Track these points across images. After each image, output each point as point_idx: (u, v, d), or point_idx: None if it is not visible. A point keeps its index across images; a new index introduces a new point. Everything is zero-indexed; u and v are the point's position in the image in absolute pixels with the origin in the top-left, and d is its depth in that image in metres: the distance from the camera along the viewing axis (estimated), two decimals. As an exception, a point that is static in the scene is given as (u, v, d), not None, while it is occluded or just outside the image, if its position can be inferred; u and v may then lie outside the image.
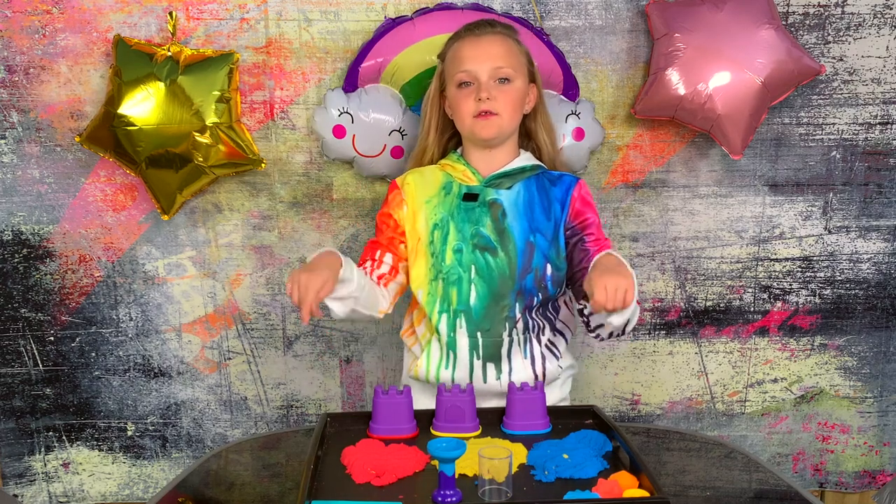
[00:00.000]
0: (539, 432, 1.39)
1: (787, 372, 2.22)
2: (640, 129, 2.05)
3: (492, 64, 1.63)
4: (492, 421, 1.43)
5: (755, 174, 2.09)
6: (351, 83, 1.93)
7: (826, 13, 2.00)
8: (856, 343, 2.20)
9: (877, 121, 2.07)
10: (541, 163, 1.73)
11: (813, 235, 2.14)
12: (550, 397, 1.60)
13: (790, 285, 2.16)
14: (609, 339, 1.57)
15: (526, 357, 1.65)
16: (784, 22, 1.97)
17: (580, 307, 1.59)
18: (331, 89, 1.93)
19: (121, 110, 1.86)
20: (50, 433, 2.16)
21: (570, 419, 1.44)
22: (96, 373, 2.13)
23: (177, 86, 1.86)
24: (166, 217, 1.99)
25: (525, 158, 1.70)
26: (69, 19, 1.92)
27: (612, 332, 1.53)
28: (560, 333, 1.70)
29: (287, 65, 1.97)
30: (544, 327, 1.67)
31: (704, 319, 2.18)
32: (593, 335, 1.58)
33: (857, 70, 2.04)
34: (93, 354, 2.12)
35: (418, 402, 1.57)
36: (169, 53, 1.88)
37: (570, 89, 1.96)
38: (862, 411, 2.25)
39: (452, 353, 1.65)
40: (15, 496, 2.17)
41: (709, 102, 1.87)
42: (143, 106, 1.86)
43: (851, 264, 2.15)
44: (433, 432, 1.39)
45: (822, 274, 2.16)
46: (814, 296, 2.17)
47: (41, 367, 2.11)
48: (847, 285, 2.17)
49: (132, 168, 1.93)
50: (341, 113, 1.91)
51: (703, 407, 2.23)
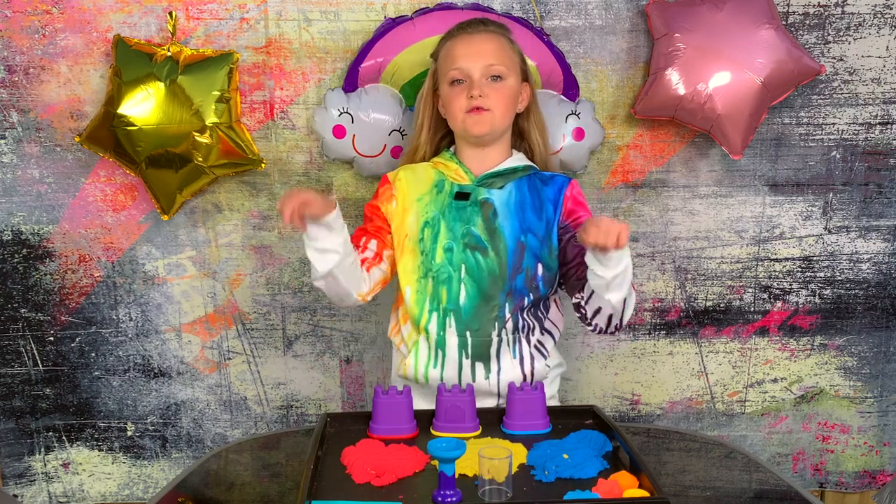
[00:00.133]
0: (539, 432, 1.39)
1: (787, 372, 2.22)
2: (640, 129, 2.05)
3: (484, 61, 1.63)
4: (492, 421, 1.43)
5: (755, 174, 2.09)
6: (351, 83, 1.93)
7: (826, 13, 2.00)
8: (856, 343, 2.20)
9: (877, 121, 2.07)
10: (533, 164, 1.73)
11: (813, 235, 2.14)
12: None
13: (790, 285, 2.16)
14: (608, 332, 1.57)
15: (515, 357, 1.65)
16: (784, 22, 1.97)
17: (576, 301, 1.59)
18: (331, 89, 1.93)
19: (121, 110, 1.86)
20: (50, 433, 2.15)
21: (570, 419, 1.44)
22: (96, 373, 2.13)
23: (177, 86, 1.86)
24: (166, 217, 1.99)
25: (517, 159, 1.70)
26: (69, 19, 1.92)
27: (611, 319, 1.54)
28: (548, 333, 1.70)
29: (287, 65, 1.97)
30: (534, 327, 1.67)
31: (704, 319, 2.18)
32: (591, 327, 1.58)
33: (857, 70, 2.04)
34: (93, 354, 2.12)
35: None
36: (169, 53, 1.88)
37: (570, 89, 1.96)
38: (862, 411, 2.25)
39: (441, 352, 1.64)
40: (15, 496, 2.17)
41: (709, 102, 1.87)
42: (143, 106, 1.86)
43: (851, 264, 2.15)
44: (433, 432, 1.39)
45: (822, 274, 2.16)
46: (814, 296, 2.17)
47: (41, 367, 2.11)
48: (847, 285, 2.17)
49: (132, 168, 1.93)
50: (341, 113, 1.91)
51: (703, 407, 2.23)
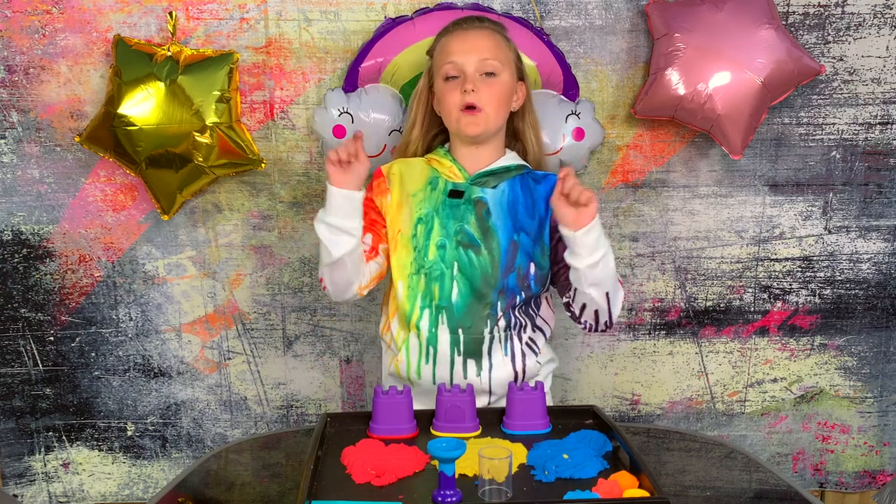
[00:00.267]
0: (539, 432, 1.39)
1: (787, 372, 2.22)
2: (640, 129, 2.05)
3: (478, 56, 1.63)
4: (492, 421, 1.43)
5: (755, 174, 2.09)
6: (351, 83, 1.93)
7: (826, 13, 2.00)
8: (856, 343, 2.20)
9: (877, 121, 2.07)
10: (526, 163, 1.73)
11: (813, 235, 2.14)
12: None
13: (790, 285, 2.16)
14: (598, 329, 1.59)
15: (507, 354, 1.65)
16: (784, 22, 1.97)
17: (565, 301, 1.62)
18: (331, 89, 1.93)
19: (121, 110, 1.86)
20: (50, 433, 2.15)
21: (570, 419, 1.44)
22: (96, 373, 2.13)
23: (177, 86, 1.86)
24: (166, 217, 1.99)
25: (510, 158, 1.70)
26: (69, 19, 1.92)
27: (598, 315, 1.56)
28: (539, 330, 1.70)
29: (287, 65, 1.97)
30: (525, 325, 1.67)
31: (704, 319, 2.18)
32: (581, 325, 1.60)
33: (857, 70, 2.04)
34: (93, 354, 2.12)
35: None
36: (169, 53, 1.88)
37: (570, 89, 1.96)
38: (862, 411, 2.25)
39: (433, 349, 1.64)
40: (15, 496, 2.17)
41: (709, 102, 1.87)
42: (143, 106, 1.86)
43: (851, 264, 2.15)
44: (433, 432, 1.39)
45: (822, 274, 2.16)
46: (814, 296, 2.17)
47: (41, 367, 2.11)
48: (847, 285, 2.17)
49: (132, 168, 1.93)
50: (341, 113, 1.90)
51: (703, 407, 2.23)
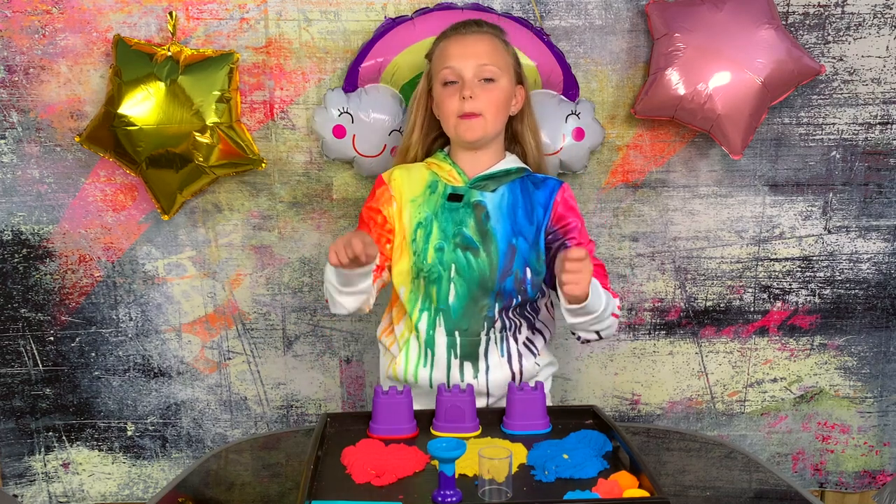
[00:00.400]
0: (539, 432, 1.39)
1: (787, 372, 2.22)
2: (640, 129, 2.05)
3: (476, 62, 1.62)
4: (492, 421, 1.43)
5: (755, 174, 2.09)
6: (351, 83, 1.93)
7: (826, 13, 2.00)
8: (856, 343, 2.20)
9: (877, 121, 2.07)
10: (526, 166, 1.72)
11: (813, 235, 2.14)
12: None
13: (790, 285, 2.16)
14: (592, 341, 1.61)
15: (503, 355, 1.65)
16: (784, 22, 1.97)
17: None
18: (331, 89, 1.93)
19: (121, 110, 1.86)
20: (50, 433, 2.15)
21: (570, 419, 1.44)
22: (96, 373, 2.13)
23: (177, 86, 1.86)
24: (166, 217, 1.99)
25: (510, 161, 1.70)
26: (69, 19, 1.92)
27: (592, 337, 1.59)
28: (539, 332, 1.70)
29: (287, 65, 1.97)
30: (521, 325, 1.67)
31: (704, 319, 2.18)
32: (575, 337, 1.62)
33: (857, 70, 2.04)
34: (93, 354, 2.12)
35: None
36: (169, 53, 1.88)
37: (570, 89, 1.96)
38: (862, 411, 2.25)
39: (430, 352, 1.64)
40: (15, 496, 2.17)
41: (709, 102, 1.87)
42: (143, 106, 1.86)
43: (851, 264, 2.15)
44: (433, 432, 1.39)
45: (822, 274, 2.16)
46: (813, 296, 2.17)
47: (41, 367, 2.11)
48: (847, 285, 2.17)
49: (132, 168, 1.93)
50: (341, 113, 1.91)
51: (703, 407, 2.23)
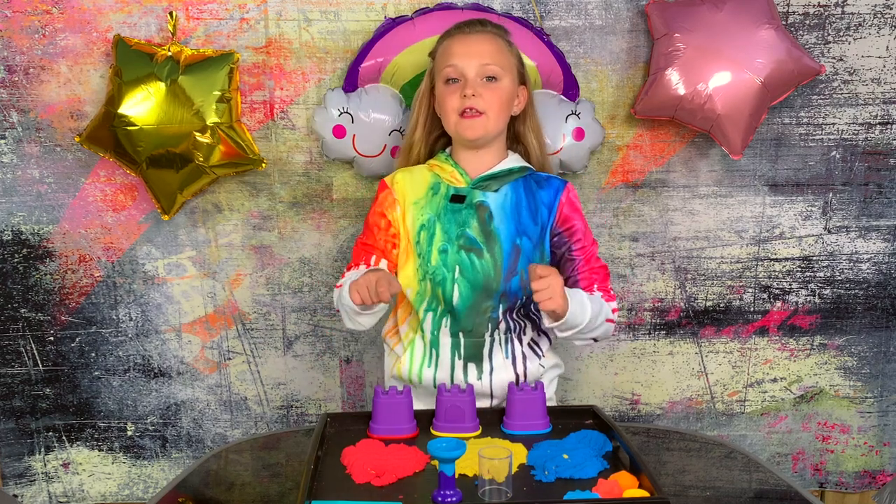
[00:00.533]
0: (539, 432, 1.39)
1: (787, 372, 2.22)
2: (640, 129, 2.05)
3: (479, 61, 1.62)
4: (492, 421, 1.43)
5: (755, 174, 2.09)
6: (351, 83, 1.93)
7: (826, 13, 2.00)
8: (856, 343, 2.20)
9: (877, 121, 2.07)
10: (528, 164, 1.72)
11: (813, 235, 2.14)
12: None
13: (790, 285, 2.16)
14: (589, 344, 1.66)
15: (507, 357, 1.65)
16: (784, 22, 1.97)
17: None
18: (331, 89, 1.93)
19: (121, 110, 1.86)
20: (50, 433, 2.15)
21: (570, 419, 1.44)
22: (96, 373, 2.13)
23: (177, 86, 1.86)
24: (166, 217, 1.99)
25: (513, 160, 1.69)
26: (69, 19, 1.92)
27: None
28: (544, 333, 1.70)
29: (287, 65, 1.97)
30: (526, 327, 1.67)
31: (704, 319, 2.18)
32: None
33: (857, 70, 2.04)
34: (93, 354, 2.12)
35: None
36: (169, 53, 1.88)
37: (570, 89, 1.96)
38: (862, 411, 2.25)
39: (435, 352, 1.65)
40: (15, 496, 2.17)
41: (709, 102, 1.87)
42: (144, 106, 1.86)
43: (851, 264, 2.15)
44: (433, 432, 1.39)
45: (822, 274, 2.16)
46: (813, 296, 2.17)
47: (41, 367, 2.11)
48: (847, 285, 2.17)
49: (132, 168, 1.93)
50: (341, 113, 1.91)
51: (703, 407, 2.23)
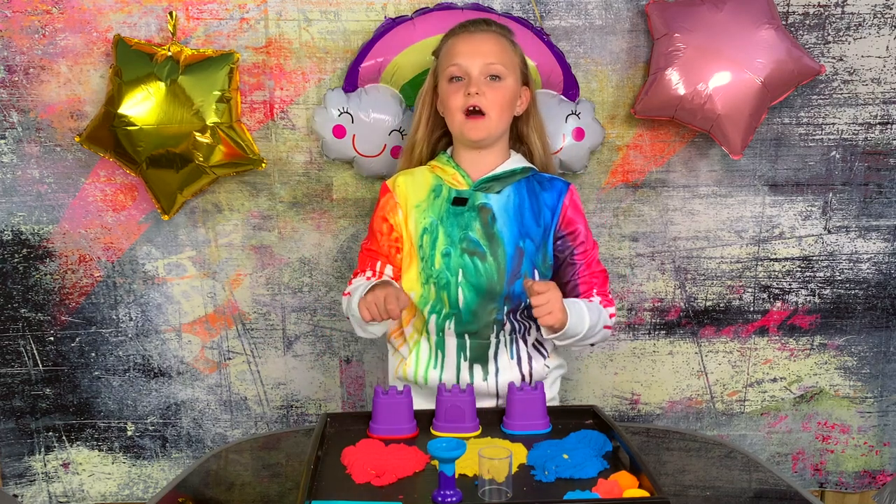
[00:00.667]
0: (539, 432, 1.39)
1: (787, 371, 2.22)
2: (640, 129, 2.05)
3: (483, 60, 1.62)
4: (492, 421, 1.43)
5: (755, 174, 2.09)
6: (351, 83, 1.93)
7: (826, 13, 2.00)
8: (856, 343, 2.20)
9: (877, 121, 2.07)
10: (531, 165, 1.71)
11: (813, 235, 2.14)
12: None
13: (790, 285, 2.16)
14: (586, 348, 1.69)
15: (512, 357, 1.65)
16: (784, 22, 1.97)
17: None
18: (331, 89, 1.93)
19: (121, 110, 1.86)
20: (50, 433, 2.15)
21: (570, 419, 1.44)
22: (96, 373, 2.13)
23: (177, 86, 1.86)
24: (166, 217, 1.99)
25: (515, 161, 1.69)
26: (69, 19, 1.92)
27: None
28: None
29: (287, 65, 1.97)
30: (530, 327, 1.67)
31: (704, 319, 2.18)
32: None
33: (857, 70, 2.04)
34: (93, 354, 2.12)
35: None
36: (169, 53, 1.88)
37: (570, 89, 1.96)
38: (862, 411, 2.25)
39: (441, 354, 1.65)
40: (15, 496, 2.17)
41: (709, 102, 1.87)
42: (144, 106, 1.86)
43: (851, 264, 2.15)
44: (433, 432, 1.39)
45: (822, 274, 2.16)
46: (813, 296, 2.17)
47: (41, 367, 2.11)
48: (847, 285, 2.17)
49: (132, 168, 1.93)
50: (341, 113, 1.91)
51: (703, 407, 2.23)
